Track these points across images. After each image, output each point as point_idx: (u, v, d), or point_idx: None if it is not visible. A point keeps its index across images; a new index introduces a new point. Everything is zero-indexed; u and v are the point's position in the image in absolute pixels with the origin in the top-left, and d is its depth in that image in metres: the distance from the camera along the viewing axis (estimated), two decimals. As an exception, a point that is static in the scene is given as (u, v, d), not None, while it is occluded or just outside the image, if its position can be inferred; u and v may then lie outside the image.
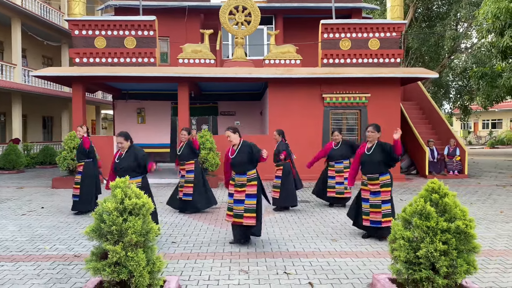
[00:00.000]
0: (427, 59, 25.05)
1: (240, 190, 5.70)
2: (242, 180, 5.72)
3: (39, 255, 5.32)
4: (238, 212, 5.65)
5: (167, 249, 5.57)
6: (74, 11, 12.68)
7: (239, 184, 5.74)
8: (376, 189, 5.97)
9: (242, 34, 13.33)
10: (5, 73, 17.67)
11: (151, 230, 3.78)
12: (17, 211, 8.15)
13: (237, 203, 5.68)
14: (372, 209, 5.97)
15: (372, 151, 5.99)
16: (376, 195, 5.98)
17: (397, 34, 13.16)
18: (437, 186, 3.77)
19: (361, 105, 13.10)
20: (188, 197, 7.95)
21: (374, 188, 5.98)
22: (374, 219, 5.94)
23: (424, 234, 3.61)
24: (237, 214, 5.65)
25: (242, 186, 5.70)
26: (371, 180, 6.01)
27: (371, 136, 6.05)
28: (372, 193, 6.01)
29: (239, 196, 5.70)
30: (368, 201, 6.03)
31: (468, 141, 41.25)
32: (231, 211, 5.72)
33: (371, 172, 6.00)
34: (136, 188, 3.87)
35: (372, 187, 6.00)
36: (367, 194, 6.06)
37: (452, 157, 14.03)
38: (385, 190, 5.97)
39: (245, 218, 5.59)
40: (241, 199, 5.68)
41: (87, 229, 3.71)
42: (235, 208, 5.68)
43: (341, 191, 8.39)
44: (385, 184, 5.97)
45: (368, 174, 6.03)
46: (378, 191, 5.97)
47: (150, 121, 16.92)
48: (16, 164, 15.63)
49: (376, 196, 5.98)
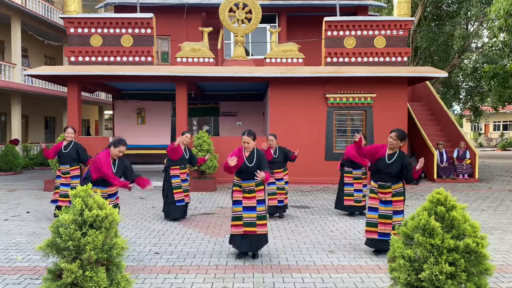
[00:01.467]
0: (436, 59, 24.41)
1: (250, 196, 5.24)
2: (251, 186, 5.27)
3: (8, 267, 4.90)
4: (251, 220, 5.17)
5: (148, 261, 5.11)
6: (69, 9, 12.31)
7: (247, 190, 5.26)
8: (388, 198, 5.34)
9: (242, 32, 12.87)
10: (4, 73, 17.41)
11: (115, 245, 3.32)
12: (1, 216, 7.77)
13: (248, 211, 5.20)
14: (381, 219, 5.33)
15: (393, 161, 5.29)
16: (387, 204, 5.34)
17: (404, 32, 12.62)
18: (443, 197, 3.26)
19: (366, 105, 12.57)
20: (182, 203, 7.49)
21: (385, 197, 5.35)
22: (383, 231, 5.30)
23: (428, 253, 3.10)
24: (250, 222, 5.16)
25: (251, 192, 5.25)
26: (383, 188, 5.36)
27: (392, 144, 5.32)
28: (382, 202, 5.37)
29: (250, 202, 5.23)
30: (377, 210, 5.37)
31: (478, 143, 40.39)
32: (240, 220, 5.18)
33: (385, 181, 5.34)
34: (99, 197, 3.42)
35: (382, 195, 5.36)
36: (376, 203, 5.40)
37: (462, 160, 13.43)
38: (397, 199, 5.33)
39: (259, 226, 5.16)
40: (252, 205, 5.22)
41: (42, 244, 3.26)
42: (246, 216, 5.18)
43: (359, 199, 7.80)
44: (397, 192, 5.34)
45: (381, 182, 5.37)
46: (389, 201, 5.34)
47: (150, 121, 16.55)
48: (13, 165, 15.32)
49: (387, 206, 5.34)
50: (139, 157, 16.22)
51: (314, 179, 12.33)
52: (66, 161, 7.63)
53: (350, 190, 7.82)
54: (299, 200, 9.72)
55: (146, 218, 7.60)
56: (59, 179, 7.60)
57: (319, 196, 10.23)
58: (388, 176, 5.31)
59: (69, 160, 7.65)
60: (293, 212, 8.20)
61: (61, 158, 7.62)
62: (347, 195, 7.83)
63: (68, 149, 7.64)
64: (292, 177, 12.10)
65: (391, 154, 5.32)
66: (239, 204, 5.24)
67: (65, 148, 7.63)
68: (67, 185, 7.58)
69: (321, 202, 9.36)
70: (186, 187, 7.56)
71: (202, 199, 9.68)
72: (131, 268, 4.81)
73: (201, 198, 9.87)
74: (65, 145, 7.64)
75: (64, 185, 7.55)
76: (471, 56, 27.10)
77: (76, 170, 7.71)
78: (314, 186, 11.97)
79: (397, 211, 5.33)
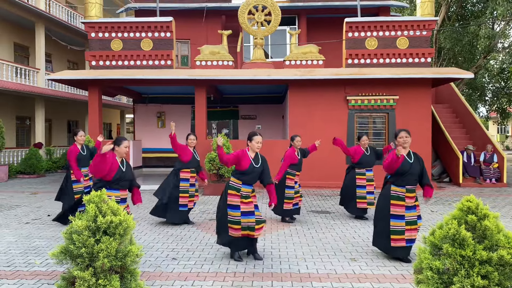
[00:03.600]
0: (460, 60, 23.75)
1: (247, 202, 5.21)
2: (248, 191, 5.26)
3: (26, 271, 4.88)
4: (250, 224, 5.11)
5: (165, 267, 5.02)
6: (90, 13, 12.45)
7: (245, 195, 5.23)
8: (412, 203, 5.21)
9: (261, 34, 12.76)
10: (28, 78, 17.77)
11: (130, 252, 3.22)
12: (22, 219, 7.84)
13: (246, 216, 5.15)
14: (408, 226, 5.15)
15: (414, 160, 5.21)
16: (411, 210, 5.20)
17: (428, 32, 12.28)
18: (474, 205, 3.05)
19: (388, 108, 12.26)
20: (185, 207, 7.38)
21: (411, 202, 5.20)
22: (410, 237, 5.15)
23: (458, 265, 2.91)
24: (249, 226, 5.11)
25: (247, 197, 5.23)
26: (410, 192, 5.20)
27: (407, 142, 5.23)
28: (408, 208, 5.18)
29: (248, 207, 5.19)
30: (404, 218, 5.16)
31: (505, 146, 39.20)
32: (238, 224, 5.13)
33: (412, 183, 5.20)
34: (113, 203, 3.34)
35: (409, 200, 5.19)
36: (402, 210, 5.17)
37: (489, 164, 12.97)
38: (417, 203, 5.30)
39: (257, 230, 5.13)
40: (250, 210, 5.19)
41: (55, 250, 3.20)
42: (244, 220, 5.13)
43: (372, 202, 7.63)
44: (416, 196, 5.29)
45: (408, 186, 5.19)
46: (413, 205, 5.22)
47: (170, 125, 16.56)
48: (37, 168, 15.58)
49: (411, 211, 5.20)
50: (160, 160, 16.28)
51: (335, 183, 12.07)
52: (86, 164, 7.69)
53: (363, 193, 7.64)
54: (320, 205, 9.52)
55: (164, 222, 7.53)
56: (78, 183, 7.59)
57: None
58: (413, 177, 5.19)
59: (88, 162, 7.70)
60: (313, 218, 8.02)
61: (82, 161, 7.63)
62: (360, 198, 7.65)
63: (86, 151, 7.69)
64: (312, 181, 11.96)
65: (408, 154, 5.27)
66: (236, 209, 5.16)
67: (83, 151, 7.68)
68: (88, 187, 7.62)
69: (342, 207, 9.12)
70: (192, 192, 7.37)
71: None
72: (147, 275, 4.73)
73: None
74: (81, 148, 7.67)
75: (87, 187, 7.60)
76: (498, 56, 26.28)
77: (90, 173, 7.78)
78: (334, 191, 11.73)
79: (419, 215, 5.28)
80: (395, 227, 5.18)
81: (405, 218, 5.17)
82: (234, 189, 5.24)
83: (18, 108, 19.07)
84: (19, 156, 16.83)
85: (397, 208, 5.21)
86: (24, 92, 16.89)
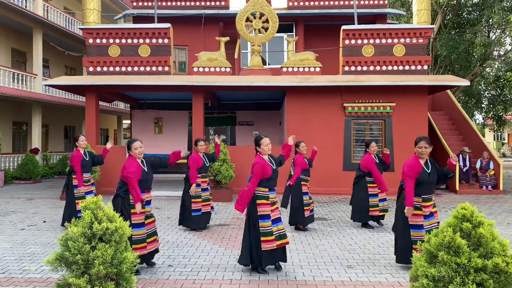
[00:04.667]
0: (457, 68, 23.89)
1: (274, 208, 5.11)
2: (274, 197, 5.16)
3: (21, 278, 4.85)
4: (280, 232, 5.03)
5: (161, 274, 5.01)
6: (88, 20, 12.49)
7: (272, 201, 5.12)
8: (430, 211, 5.09)
9: (259, 41, 12.82)
10: (26, 83, 17.75)
11: (125, 259, 3.21)
12: (17, 225, 7.80)
13: (276, 223, 5.05)
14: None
15: (431, 169, 5.11)
16: (430, 218, 5.09)
17: (424, 40, 12.36)
18: (469, 212, 3.07)
19: (385, 114, 12.31)
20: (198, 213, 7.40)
21: (428, 210, 5.08)
22: None
23: (454, 273, 2.91)
24: (281, 234, 5.03)
25: (274, 203, 5.13)
26: (427, 201, 5.08)
27: (426, 152, 5.09)
28: (426, 217, 5.07)
29: (277, 214, 5.12)
30: (422, 227, 5.03)
31: (502, 153, 39.33)
32: (271, 235, 4.91)
33: (429, 193, 5.10)
34: (109, 210, 3.33)
35: (426, 209, 5.07)
36: (420, 220, 5.05)
37: (485, 171, 13.02)
38: (436, 210, 5.19)
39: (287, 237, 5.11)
40: (278, 217, 5.13)
41: (50, 257, 3.18)
42: (275, 229, 4.98)
43: (385, 208, 7.58)
44: (434, 203, 5.19)
45: (424, 195, 5.08)
46: (431, 213, 5.11)
47: (167, 131, 16.59)
48: (33, 174, 15.53)
49: (430, 219, 5.08)
50: (156, 167, 16.24)
51: (332, 190, 12.10)
52: (89, 169, 7.68)
53: (375, 201, 7.55)
54: (316, 211, 9.51)
55: (161, 229, 7.52)
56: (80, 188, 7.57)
57: (336, 208, 10.01)
58: (430, 186, 5.11)
59: (90, 167, 7.71)
60: (310, 225, 7.99)
61: (85, 167, 7.60)
62: (373, 206, 7.54)
63: (88, 157, 7.67)
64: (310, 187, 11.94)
65: (425, 163, 5.13)
66: (267, 219, 4.97)
67: (86, 156, 7.66)
68: (90, 192, 7.61)
69: (339, 214, 9.14)
70: (206, 197, 7.47)
71: (218, 210, 9.56)
72: (143, 282, 4.71)
73: (216, 208, 9.74)
74: (84, 153, 7.66)
75: (88, 193, 7.57)
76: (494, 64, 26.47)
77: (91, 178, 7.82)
78: (331, 197, 11.75)
79: (439, 222, 5.07)
80: (415, 237, 5.01)
81: (424, 227, 5.02)
82: (263, 198, 5.02)
83: (15, 113, 19.03)
84: (15, 161, 16.78)
85: (415, 218, 5.05)
86: (21, 98, 16.87)
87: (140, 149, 5.20)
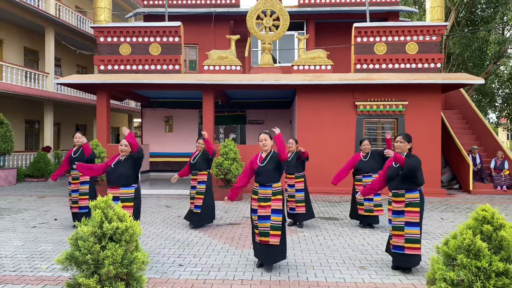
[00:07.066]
0: (470, 66, 23.54)
1: (265, 205, 5.08)
2: (267, 193, 5.11)
3: (32, 276, 4.85)
4: (264, 229, 5.03)
5: (171, 273, 4.96)
6: (99, 18, 12.51)
7: (262, 198, 5.11)
8: (400, 208, 5.04)
9: (269, 39, 12.73)
10: (38, 82, 17.89)
11: (136, 259, 3.17)
12: (29, 223, 7.83)
13: (262, 220, 5.07)
14: (394, 231, 5.08)
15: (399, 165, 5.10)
16: (399, 215, 5.05)
17: (437, 37, 12.17)
18: (490, 214, 2.96)
19: (397, 113, 12.14)
20: (197, 209, 7.40)
21: (398, 206, 5.06)
22: (396, 243, 5.05)
23: (474, 277, 2.82)
24: (263, 232, 5.03)
25: (266, 200, 5.08)
26: (396, 196, 5.10)
27: (400, 147, 5.20)
28: (394, 213, 5.10)
29: (264, 211, 5.08)
30: (390, 222, 5.17)
31: (515, 153, 38.70)
32: (257, 228, 5.13)
33: (398, 188, 5.08)
34: (120, 209, 3.29)
35: (395, 205, 5.09)
36: (390, 214, 5.21)
37: (499, 171, 12.78)
38: (411, 210, 4.98)
39: (271, 237, 5.00)
40: (266, 215, 5.07)
41: (61, 257, 3.15)
42: (260, 225, 5.06)
43: (370, 209, 7.47)
44: (411, 203, 5.00)
45: (394, 190, 5.14)
46: (401, 211, 5.04)
47: (177, 129, 16.59)
48: (45, 172, 15.63)
49: (398, 217, 5.05)
50: (167, 165, 16.29)
51: (343, 189, 11.95)
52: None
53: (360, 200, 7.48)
54: (328, 211, 9.42)
55: (171, 227, 7.49)
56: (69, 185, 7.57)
57: (348, 207, 9.85)
58: (400, 182, 5.05)
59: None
60: (321, 224, 7.92)
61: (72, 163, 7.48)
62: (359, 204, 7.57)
63: (78, 153, 7.52)
64: (320, 187, 11.85)
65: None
66: (254, 213, 5.19)
67: (75, 153, 7.55)
68: (75, 191, 7.49)
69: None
70: (192, 194, 7.53)
71: (228, 209, 9.52)
72: (153, 281, 4.67)
73: (226, 207, 9.71)
74: (75, 150, 7.56)
75: (74, 191, 7.50)
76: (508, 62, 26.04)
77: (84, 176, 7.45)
78: (343, 197, 11.63)
79: (410, 222, 4.98)
80: (390, 231, 5.24)
81: (391, 222, 5.17)
82: (253, 193, 5.24)
83: (27, 111, 19.19)
84: (27, 159, 16.91)
85: (389, 212, 5.25)
86: (33, 96, 16.99)
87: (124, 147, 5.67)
